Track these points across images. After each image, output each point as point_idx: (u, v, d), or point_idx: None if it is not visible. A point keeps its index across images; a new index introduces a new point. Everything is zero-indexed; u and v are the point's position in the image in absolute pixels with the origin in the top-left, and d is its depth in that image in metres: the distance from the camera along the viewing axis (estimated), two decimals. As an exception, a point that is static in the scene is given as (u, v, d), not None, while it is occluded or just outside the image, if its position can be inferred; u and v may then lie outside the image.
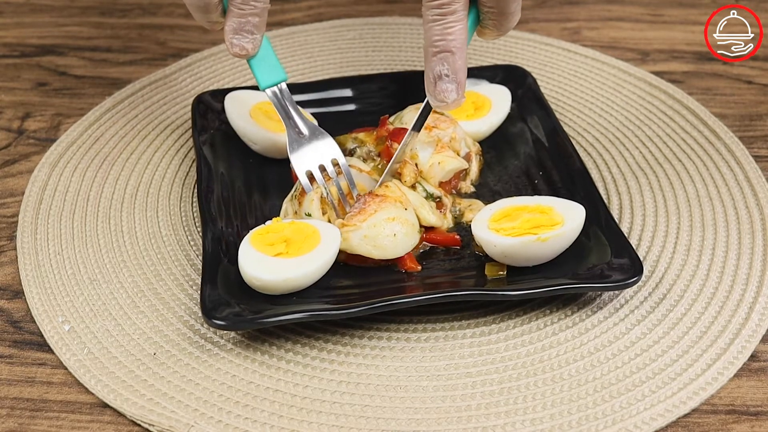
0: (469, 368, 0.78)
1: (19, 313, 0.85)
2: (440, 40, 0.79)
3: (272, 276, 0.80)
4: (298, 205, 0.89)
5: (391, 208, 0.85)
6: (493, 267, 0.85)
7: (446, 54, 0.79)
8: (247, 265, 0.80)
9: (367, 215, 0.85)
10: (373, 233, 0.84)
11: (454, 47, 0.79)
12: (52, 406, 0.76)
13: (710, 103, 1.10)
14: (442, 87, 0.80)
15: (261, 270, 0.80)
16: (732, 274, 0.86)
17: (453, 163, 0.93)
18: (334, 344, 0.81)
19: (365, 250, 0.84)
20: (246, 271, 0.80)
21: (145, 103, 1.10)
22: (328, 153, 0.89)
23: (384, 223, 0.84)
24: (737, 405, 0.76)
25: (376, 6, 1.30)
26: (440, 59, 0.79)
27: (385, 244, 0.84)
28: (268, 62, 0.87)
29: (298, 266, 0.81)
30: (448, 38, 0.79)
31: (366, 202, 0.86)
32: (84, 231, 0.92)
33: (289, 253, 0.82)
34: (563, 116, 1.07)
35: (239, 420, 0.74)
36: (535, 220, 0.84)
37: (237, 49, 0.84)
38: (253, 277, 0.80)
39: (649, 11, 1.28)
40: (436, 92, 0.80)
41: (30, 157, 1.03)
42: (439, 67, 0.79)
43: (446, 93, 0.80)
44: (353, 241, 0.84)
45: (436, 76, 0.80)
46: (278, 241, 0.83)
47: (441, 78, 0.80)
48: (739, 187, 0.96)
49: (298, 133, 0.89)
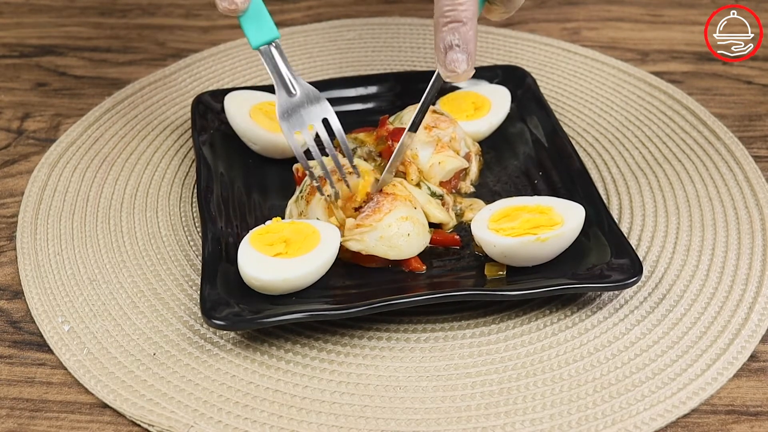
0: (469, 368, 0.78)
1: (19, 313, 0.85)
2: (451, 11, 0.78)
3: (271, 276, 0.80)
4: (305, 204, 0.88)
5: (402, 207, 0.85)
6: (492, 267, 0.85)
7: (457, 24, 0.78)
8: (246, 266, 0.80)
9: (382, 214, 0.84)
10: (389, 233, 0.83)
11: (464, 17, 0.78)
12: (52, 406, 0.76)
13: (710, 104, 1.10)
14: (453, 57, 0.78)
15: (260, 270, 0.80)
16: (731, 274, 0.86)
17: (453, 163, 0.93)
18: (333, 344, 0.81)
19: (381, 251, 0.84)
20: (245, 272, 0.80)
21: (145, 104, 1.10)
22: (319, 112, 0.86)
23: (398, 222, 0.84)
24: (737, 405, 0.76)
25: (376, 6, 1.30)
26: (451, 29, 0.78)
27: (400, 244, 0.84)
28: (259, 20, 0.83)
29: (297, 266, 0.81)
30: (459, 8, 0.77)
31: (379, 201, 0.85)
32: (84, 231, 0.92)
33: (288, 254, 0.81)
34: (563, 116, 1.07)
35: (239, 420, 0.74)
36: (535, 221, 0.84)
37: (226, 3, 0.81)
38: (253, 277, 0.80)
39: (648, 11, 1.28)
40: (446, 62, 0.79)
41: (30, 158, 1.03)
42: (450, 37, 0.78)
43: (457, 63, 0.78)
44: (369, 242, 0.83)
45: (447, 46, 0.78)
46: (277, 241, 0.82)
47: (452, 48, 0.78)
48: (739, 187, 0.96)
49: (288, 93, 0.85)
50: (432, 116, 0.95)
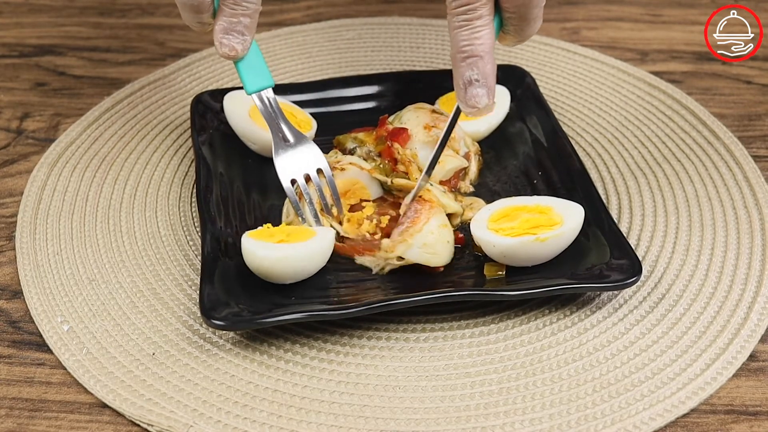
0: (468, 368, 0.78)
1: (18, 313, 0.85)
2: (468, 45, 0.78)
3: (278, 255, 0.80)
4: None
5: (439, 214, 0.85)
6: (492, 267, 0.85)
7: (475, 59, 0.78)
8: (252, 251, 0.80)
9: (422, 224, 0.84)
10: (431, 240, 0.83)
11: (482, 51, 0.78)
12: (51, 406, 0.76)
13: (709, 103, 1.10)
14: (473, 92, 0.79)
15: (267, 252, 0.80)
16: (731, 274, 0.86)
17: (453, 162, 0.93)
18: (333, 344, 0.81)
19: (425, 259, 0.83)
20: (254, 256, 0.80)
21: (144, 103, 1.10)
22: (313, 161, 0.89)
23: (439, 230, 0.84)
24: (736, 405, 0.76)
25: (375, 6, 1.30)
26: (469, 65, 0.78)
27: (440, 250, 0.84)
28: (256, 67, 0.86)
29: (302, 248, 0.81)
30: (476, 43, 0.78)
31: (418, 210, 0.85)
32: (83, 231, 0.92)
33: (290, 241, 0.82)
34: (562, 116, 1.07)
35: (238, 420, 0.74)
36: (534, 220, 0.84)
37: (226, 49, 0.83)
38: (263, 257, 0.80)
39: (648, 11, 1.28)
40: (467, 98, 0.79)
41: (29, 157, 1.03)
42: (469, 73, 0.78)
43: (477, 98, 0.79)
44: (411, 253, 0.83)
45: (466, 82, 0.79)
46: (277, 233, 0.83)
47: (471, 83, 0.79)
48: (738, 187, 0.96)
49: (283, 140, 0.89)
50: (431, 116, 0.96)
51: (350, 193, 0.91)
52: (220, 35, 0.83)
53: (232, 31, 0.83)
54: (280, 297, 0.81)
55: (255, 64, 0.86)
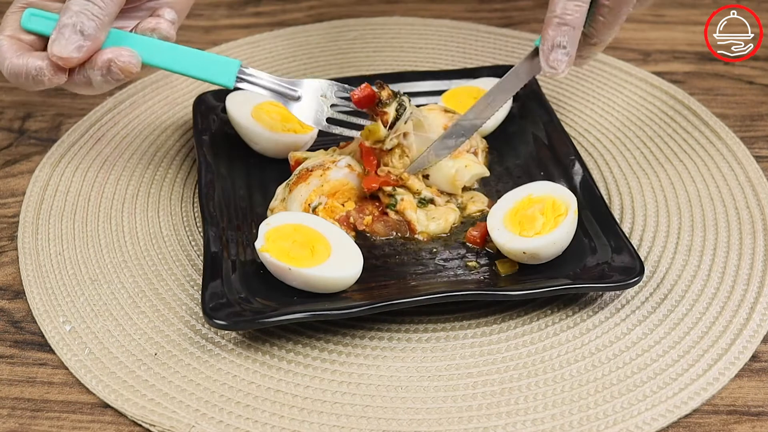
0: (470, 368, 0.78)
1: (20, 313, 0.85)
2: (567, 14, 0.82)
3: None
4: (288, 192, 0.90)
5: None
6: (505, 264, 0.85)
7: (569, 28, 0.82)
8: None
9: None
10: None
11: (575, 24, 0.82)
12: (53, 406, 0.76)
13: (711, 104, 1.10)
14: (557, 56, 0.83)
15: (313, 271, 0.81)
16: (733, 275, 0.86)
17: (477, 168, 0.95)
18: (335, 344, 0.81)
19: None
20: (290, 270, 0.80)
21: (147, 104, 1.10)
22: (328, 92, 0.90)
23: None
24: (738, 405, 0.76)
25: (377, 6, 1.30)
26: (563, 31, 0.82)
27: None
28: (212, 65, 0.86)
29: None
30: (575, 14, 0.82)
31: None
32: (85, 231, 0.92)
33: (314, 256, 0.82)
34: (564, 116, 1.07)
35: (240, 420, 0.74)
36: (547, 211, 0.84)
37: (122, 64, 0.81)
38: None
39: (650, 12, 1.28)
40: (549, 59, 0.84)
41: (31, 157, 1.03)
42: (560, 38, 0.83)
43: (558, 62, 0.83)
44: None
45: (555, 44, 0.83)
46: (295, 246, 0.82)
47: (559, 47, 0.83)
48: (741, 187, 0.96)
49: (294, 99, 0.89)
50: (446, 115, 0.96)
51: (339, 193, 0.91)
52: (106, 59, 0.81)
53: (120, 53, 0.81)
54: (282, 297, 0.81)
55: (209, 64, 0.85)
